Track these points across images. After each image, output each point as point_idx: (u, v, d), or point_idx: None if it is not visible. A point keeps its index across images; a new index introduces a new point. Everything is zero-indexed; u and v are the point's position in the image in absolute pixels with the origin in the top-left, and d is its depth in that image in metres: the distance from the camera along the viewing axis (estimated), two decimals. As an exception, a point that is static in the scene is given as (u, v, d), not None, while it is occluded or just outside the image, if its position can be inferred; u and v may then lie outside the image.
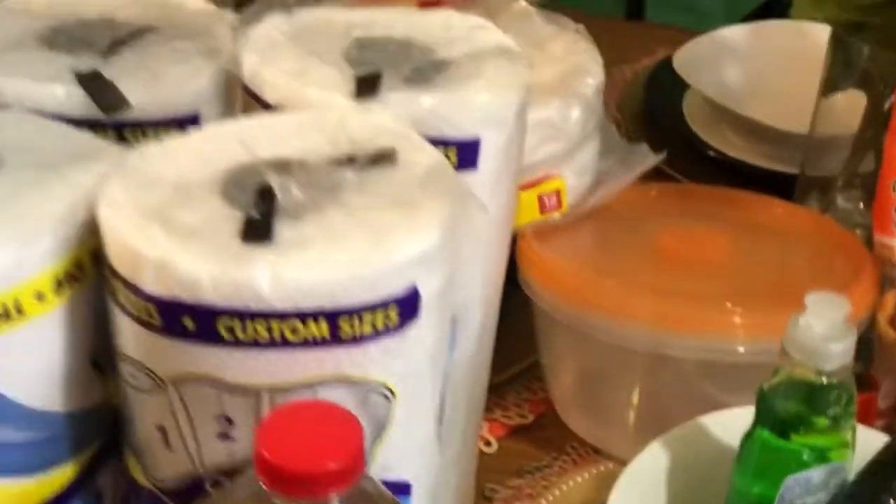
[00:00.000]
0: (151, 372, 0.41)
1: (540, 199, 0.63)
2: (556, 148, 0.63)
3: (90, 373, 0.44)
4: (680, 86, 0.90)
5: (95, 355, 0.44)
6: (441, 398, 0.45)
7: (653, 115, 0.90)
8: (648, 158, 0.67)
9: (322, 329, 0.39)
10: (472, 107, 0.48)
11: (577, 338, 0.62)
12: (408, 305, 0.40)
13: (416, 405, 0.43)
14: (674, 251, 0.65)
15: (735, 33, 0.96)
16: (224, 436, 0.41)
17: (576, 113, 0.63)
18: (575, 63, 0.68)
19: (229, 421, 0.41)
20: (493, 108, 0.49)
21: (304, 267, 0.39)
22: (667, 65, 0.93)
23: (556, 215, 0.64)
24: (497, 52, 0.52)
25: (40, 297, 0.41)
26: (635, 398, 0.63)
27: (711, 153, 0.85)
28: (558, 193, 0.64)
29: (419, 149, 0.45)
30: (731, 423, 0.51)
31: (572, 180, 0.65)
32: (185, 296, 0.39)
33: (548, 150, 0.62)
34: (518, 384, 0.68)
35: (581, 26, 0.74)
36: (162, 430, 0.42)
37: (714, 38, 0.94)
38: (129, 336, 0.41)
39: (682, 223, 0.67)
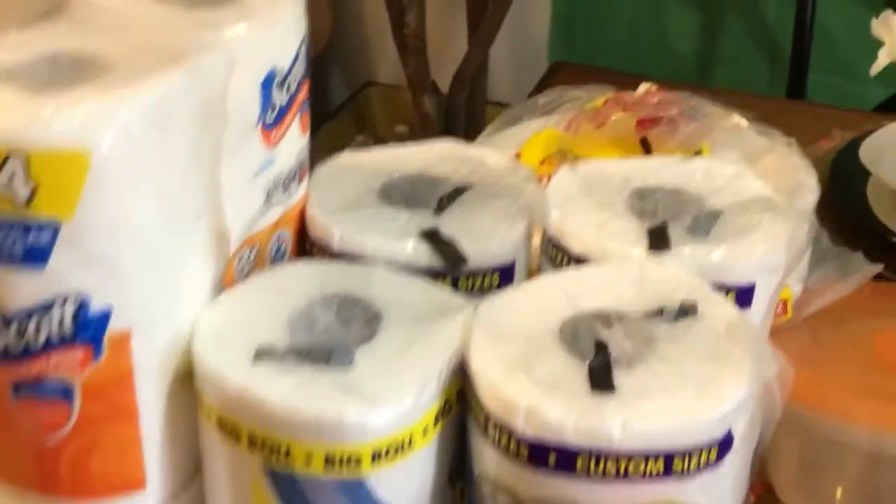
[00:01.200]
0: (513, 494, 0.50)
1: (769, 307, 0.71)
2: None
3: (446, 487, 0.54)
4: (864, 171, 0.96)
5: (450, 472, 0.54)
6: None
7: (838, 200, 0.95)
8: (866, 269, 0.74)
9: (658, 466, 0.48)
10: (751, 258, 0.57)
11: (800, 431, 0.69)
12: (724, 445, 0.49)
13: (721, 521, 0.52)
14: (886, 353, 0.71)
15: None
16: (568, 546, 0.50)
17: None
18: (795, 180, 0.75)
19: (576, 534, 0.50)
20: (768, 259, 0.58)
21: (646, 416, 0.48)
22: (849, 150, 1.00)
23: (781, 320, 0.72)
24: (762, 203, 0.60)
25: (425, 431, 0.50)
26: (851, 486, 0.70)
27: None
28: (785, 302, 0.72)
29: (716, 302, 0.53)
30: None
31: (795, 287, 0.73)
32: (551, 437, 0.48)
33: (779, 265, 0.71)
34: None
35: (792, 140, 0.81)
36: (516, 540, 0.52)
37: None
38: (495, 464, 0.50)
39: (891, 325, 0.74)
